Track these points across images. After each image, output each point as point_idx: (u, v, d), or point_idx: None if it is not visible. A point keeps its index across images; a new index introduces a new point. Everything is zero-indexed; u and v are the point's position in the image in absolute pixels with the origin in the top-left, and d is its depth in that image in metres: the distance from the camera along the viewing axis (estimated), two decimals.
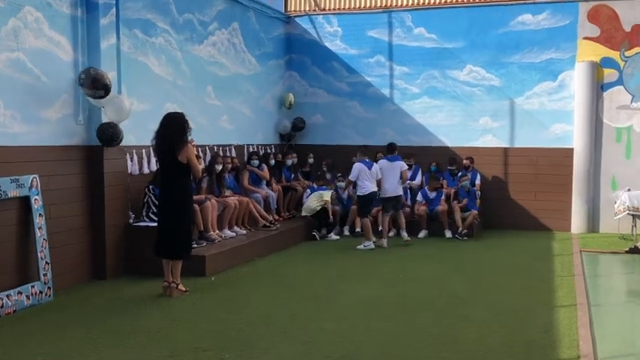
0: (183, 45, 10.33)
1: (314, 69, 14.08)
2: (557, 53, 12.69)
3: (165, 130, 7.35)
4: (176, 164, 7.26)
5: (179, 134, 7.28)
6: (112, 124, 8.15)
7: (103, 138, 8.11)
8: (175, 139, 7.24)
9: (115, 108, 8.16)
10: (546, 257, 10.03)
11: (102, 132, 8.11)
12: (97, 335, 6.01)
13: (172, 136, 7.25)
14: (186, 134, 7.33)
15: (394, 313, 6.73)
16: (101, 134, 8.10)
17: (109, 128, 8.12)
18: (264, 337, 5.93)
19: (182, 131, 7.32)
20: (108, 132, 8.11)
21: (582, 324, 6.19)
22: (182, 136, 7.28)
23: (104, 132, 8.10)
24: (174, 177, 7.36)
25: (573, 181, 12.51)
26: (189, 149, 7.29)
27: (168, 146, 7.26)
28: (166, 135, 7.30)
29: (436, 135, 13.39)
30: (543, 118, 12.82)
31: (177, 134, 7.27)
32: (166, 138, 7.29)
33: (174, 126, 7.32)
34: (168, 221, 7.46)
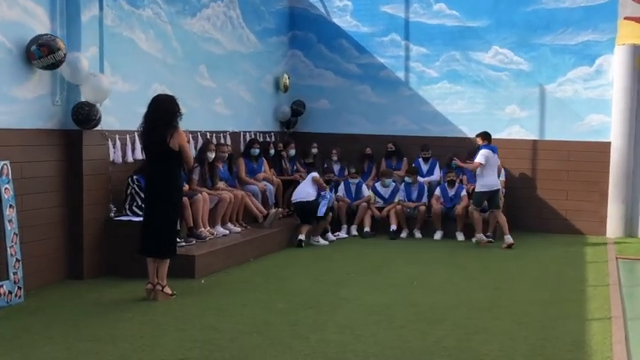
0: (174, 18, 10.32)
1: (320, 47, 14.06)
2: (594, 35, 12.65)
3: (153, 114, 7.35)
4: (165, 152, 7.27)
5: (169, 118, 7.28)
6: (88, 103, 8.14)
7: (78, 119, 8.10)
8: (165, 123, 7.24)
9: (92, 87, 8.15)
10: (578, 264, 10.02)
11: (77, 112, 8.11)
12: (73, 342, 6.01)
13: (162, 120, 7.26)
14: (176, 119, 7.35)
15: (405, 324, 6.73)
16: (76, 114, 8.10)
17: (84, 107, 8.11)
18: (259, 347, 5.94)
19: (172, 115, 7.33)
20: (83, 111, 8.10)
21: (617, 340, 6.17)
22: (172, 121, 7.30)
23: (79, 111, 8.10)
24: (162, 166, 7.38)
25: (610, 180, 12.48)
26: (180, 135, 7.31)
27: (157, 132, 7.26)
28: (155, 119, 7.30)
29: (456, 125, 13.37)
30: (577, 107, 12.78)
31: (167, 118, 7.27)
32: (155, 123, 7.28)
33: (164, 109, 7.33)
34: (154, 215, 7.47)
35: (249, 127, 12.55)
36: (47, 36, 7.68)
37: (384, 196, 12.52)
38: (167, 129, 7.25)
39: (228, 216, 10.31)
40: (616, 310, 7.24)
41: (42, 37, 7.61)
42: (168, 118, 7.30)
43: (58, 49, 7.62)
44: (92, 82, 8.17)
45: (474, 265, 9.87)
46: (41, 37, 7.61)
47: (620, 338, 6.21)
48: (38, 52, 7.56)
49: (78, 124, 8.17)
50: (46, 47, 7.57)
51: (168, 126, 7.26)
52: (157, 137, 7.28)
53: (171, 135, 7.25)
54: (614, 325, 6.65)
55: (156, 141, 7.31)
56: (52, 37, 7.69)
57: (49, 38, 7.64)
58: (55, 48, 7.61)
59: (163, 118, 7.28)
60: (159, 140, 7.27)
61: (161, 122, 7.26)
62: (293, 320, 6.80)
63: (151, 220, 7.50)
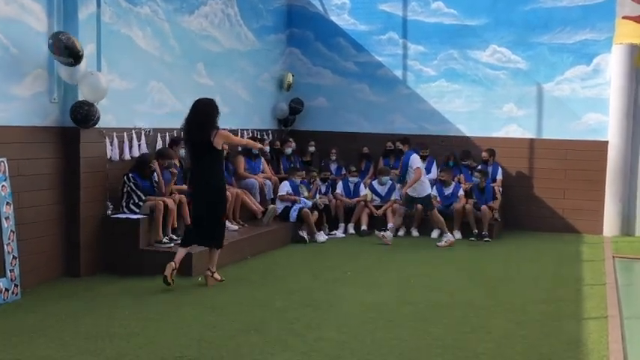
0: (172, 16, 10.30)
1: (318, 46, 14.06)
2: (592, 34, 12.66)
3: (195, 117, 7.87)
4: (210, 151, 7.83)
5: (211, 121, 7.83)
6: (87, 103, 8.14)
7: (76, 118, 8.09)
8: (207, 125, 7.78)
9: (90, 86, 8.14)
10: (574, 263, 10.03)
11: (76, 111, 8.09)
12: (69, 340, 6.01)
13: (204, 122, 7.80)
14: (217, 120, 7.91)
15: (402, 322, 6.73)
16: (75, 113, 8.09)
17: (83, 106, 8.10)
18: (257, 345, 5.93)
19: (213, 117, 7.88)
20: (82, 110, 8.09)
21: (613, 339, 6.17)
22: (214, 123, 7.85)
23: (78, 111, 8.09)
24: (209, 164, 7.91)
25: (607, 178, 12.49)
26: (222, 134, 7.92)
27: (200, 133, 7.79)
28: (197, 122, 7.83)
29: (454, 123, 13.38)
30: (575, 106, 12.79)
31: (208, 121, 7.81)
32: (198, 125, 7.81)
33: (205, 113, 7.87)
34: (208, 210, 7.96)
35: (246, 125, 12.54)
36: (64, 36, 7.72)
37: (381, 194, 12.52)
38: (210, 130, 7.78)
39: None
40: (613, 309, 7.24)
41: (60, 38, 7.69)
42: (210, 120, 7.84)
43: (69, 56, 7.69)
44: (90, 81, 8.16)
45: (471, 263, 9.88)
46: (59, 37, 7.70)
47: (617, 337, 6.21)
48: (51, 48, 7.62)
49: (77, 123, 8.15)
50: (58, 48, 7.63)
51: (211, 127, 7.80)
52: (202, 138, 7.79)
53: (214, 135, 7.78)
54: (611, 324, 6.65)
55: (200, 141, 7.82)
56: (69, 39, 7.72)
57: (66, 39, 7.68)
58: (66, 54, 7.67)
59: (205, 121, 7.81)
60: (203, 141, 7.79)
61: (203, 124, 7.79)
62: (290, 318, 6.80)
63: (201, 215, 7.99)
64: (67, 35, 7.76)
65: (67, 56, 7.69)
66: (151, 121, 9.80)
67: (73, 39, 7.76)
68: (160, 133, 9.97)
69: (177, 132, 10.21)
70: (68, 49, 7.67)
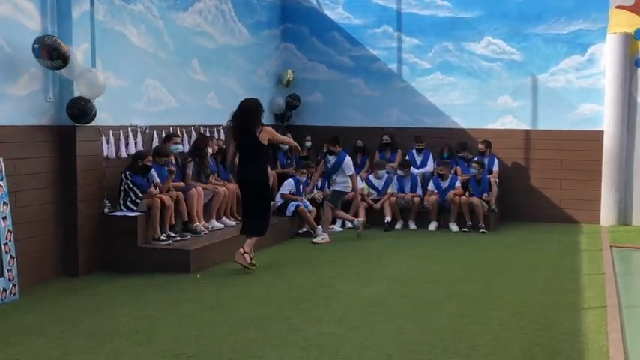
0: (166, 13, 10.27)
1: (312, 40, 14.03)
2: (586, 24, 12.66)
3: (241, 115, 8.52)
4: (256, 146, 8.46)
5: (256, 119, 8.48)
6: (84, 99, 8.10)
7: (73, 113, 8.06)
8: (253, 123, 8.43)
9: (87, 83, 8.11)
10: (572, 253, 10.04)
11: (72, 107, 8.06)
12: (68, 339, 6.00)
13: (249, 121, 8.44)
14: (261, 118, 8.57)
15: (401, 315, 6.73)
16: (72, 109, 8.06)
17: (80, 102, 8.07)
18: (256, 341, 5.93)
19: (258, 116, 8.53)
20: (79, 106, 8.05)
21: (612, 328, 6.18)
22: (259, 121, 8.50)
23: (75, 107, 8.06)
24: (255, 159, 8.55)
25: (603, 168, 12.50)
26: (267, 131, 8.57)
27: (247, 131, 8.44)
28: (244, 120, 8.48)
29: (449, 116, 13.38)
30: (570, 97, 12.79)
31: (254, 119, 8.47)
32: (244, 123, 8.47)
33: (251, 111, 8.50)
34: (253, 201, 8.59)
35: None
36: (50, 39, 7.66)
37: (377, 187, 12.52)
38: (256, 127, 8.43)
39: (223, 210, 10.30)
40: (611, 298, 7.25)
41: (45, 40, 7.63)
42: (255, 118, 8.49)
43: (57, 57, 7.62)
44: (88, 78, 8.13)
45: (468, 255, 9.88)
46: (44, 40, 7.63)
47: (616, 327, 6.22)
48: (38, 52, 7.57)
49: (73, 119, 8.12)
50: (46, 51, 7.58)
51: (256, 125, 8.44)
52: (248, 135, 8.42)
53: (259, 132, 8.43)
54: (610, 314, 6.66)
55: (247, 138, 8.44)
56: (55, 42, 7.66)
57: (51, 42, 7.62)
58: (55, 55, 7.61)
59: (251, 119, 8.44)
60: (250, 137, 8.42)
61: (249, 122, 8.43)
62: (289, 313, 6.79)
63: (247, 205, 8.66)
64: (53, 38, 7.71)
65: (56, 58, 7.64)
66: (146, 118, 9.78)
67: (58, 41, 7.72)
68: (156, 131, 9.94)
69: (172, 129, 10.22)
70: (56, 51, 7.62)
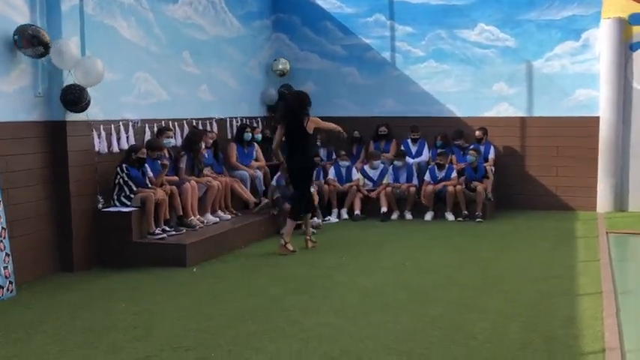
0: (156, 5, 10.30)
1: (305, 30, 14.05)
2: (579, 9, 12.72)
3: (290, 105, 9.49)
4: (304, 135, 9.28)
5: (303, 109, 9.29)
6: (79, 86, 8.13)
7: (67, 100, 8.08)
8: (301, 114, 9.23)
9: (85, 70, 8.16)
10: (568, 240, 10.14)
11: (66, 93, 8.09)
12: (66, 335, 6.08)
13: (297, 110, 9.26)
14: (308, 109, 9.36)
15: (398, 306, 6.82)
16: (65, 95, 8.09)
17: (74, 89, 8.10)
18: (254, 334, 6.01)
19: (305, 106, 9.34)
20: (75, 92, 8.09)
21: (608, 314, 6.28)
22: (306, 111, 9.31)
23: (69, 93, 8.09)
24: (302, 146, 9.38)
25: (599, 154, 12.58)
26: (313, 120, 9.36)
27: (295, 120, 9.24)
28: (292, 110, 9.35)
29: (444, 104, 13.43)
30: (565, 83, 12.86)
31: (301, 110, 9.27)
32: (293, 114, 9.29)
33: (298, 103, 9.35)
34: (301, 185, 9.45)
35: (235, 112, 12.56)
36: (31, 28, 7.69)
37: (373, 178, 12.60)
38: (303, 117, 9.21)
39: (217, 203, 10.35)
40: (607, 284, 7.34)
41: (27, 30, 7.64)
42: (302, 109, 9.28)
43: (38, 44, 7.65)
44: (86, 64, 8.16)
45: (465, 244, 9.97)
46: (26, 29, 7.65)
47: (612, 312, 6.31)
48: (20, 42, 7.61)
49: (66, 105, 8.13)
50: (25, 40, 7.60)
51: (303, 115, 9.23)
52: (296, 123, 9.22)
53: (306, 121, 9.22)
54: (606, 300, 6.76)
55: (295, 127, 9.24)
56: (36, 30, 7.70)
57: (33, 31, 7.65)
58: (36, 42, 7.64)
59: (298, 110, 9.25)
60: (298, 126, 9.22)
61: (297, 112, 9.23)
62: (287, 306, 6.87)
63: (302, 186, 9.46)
64: (34, 27, 7.76)
65: (36, 45, 7.68)
66: (138, 112, 9.82)
67: (38, 29, 7.77)
68: (148, 124, 9.99)
69: (164, 122, 10.26)
70: (36, 38, 7.66)
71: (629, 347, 5.48)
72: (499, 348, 5.57)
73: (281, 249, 9.30)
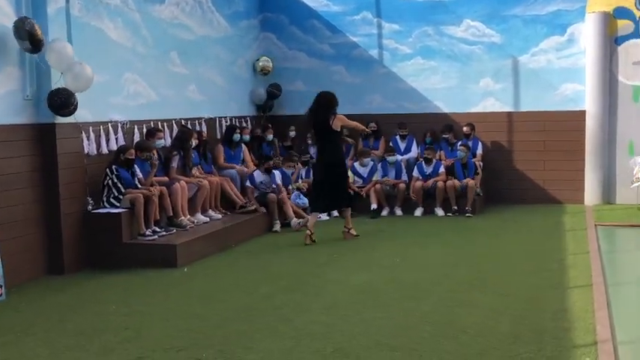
0: (142, 6, 10.21)
1: (292, 29, 14.00)
2: (564, 4, 12.72)
3: (317, 104, 9.81)
4: (330, 132, 9.74)
5: (330, 107, 9.74)
6: (67, 90, 8.05)
7: (54, 104, 8.00)
8: (327, 112, 9.68)
9: (75, 76, 8.09)
10: (557, 233, 10.13)
11: (53, 97, 8.01)
12: (56, 337, 6.00)
13: (324, 109, 9.71)
14: (335, 107, 9.80)
15: (390, 302, 6.78)
16: (52, 99, 8.00)
17: (61, 93, 8.01)
18: (245, 333, 5.96)
19: (331, 105, 9.77)
20: (62, 96, 8.00)
21: (599, 306, 6.26)
22: (332, 109, 9.76)
23: (56, 96, 8.00)
24: (330, 142, 9.83)
25: (586, 148, 12.60)
26: (339, 118, 9.81)
27: (322, 118, 9.72)
28: (319, 108, 9.76)
29: (432, 100, 13.41)
30: (551, 77, 12.86)
31: (328, 108, 9.72)
32: (320, 112, 9.74)
33: (326, 102, 9.77)
34: (334, 178, 9.82)
35: (224, 112, 12.50)
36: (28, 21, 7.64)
37: (363, 175, 12.55)
38: (329, 116, 9.68)
39: (208, 203, 10.28)
40: (597, 277, 7.34)
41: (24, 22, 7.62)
42: (329, 108, 9.72)
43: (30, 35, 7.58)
44: (76, 70, 8.08)
45: (455, 239, 9.95)
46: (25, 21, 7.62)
47: (602, 304, 6.30)
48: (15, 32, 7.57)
49: (54, 109, 8.04)
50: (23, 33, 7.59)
51: (330, 113, 9.69)
52: (323, 121, 9.69)
53: (332, 119, 9.67)
54: (596, 292, 6.74)
55: (323, 125, 9.71)
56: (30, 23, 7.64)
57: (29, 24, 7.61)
58: (25, 35, 7.56)
59: (325, 108, 9.70)
60: (325, 124, 9.68)
61: (324, 110, 9.68)
62: (278, 304, 6.82)
63: (325, 183, 9.83)
64: (32, 22, 7.69)
65: (25, 39, 7.60)
66: (127, 113, 9.74)
67: (36, 26, 7.69)
68: (137, 125, 9.91)
69: (154, 123, 10.19)
70: (28, 33, 7.60)
71: (620, 339, 5.45)
72: (490, 342, 5.54)
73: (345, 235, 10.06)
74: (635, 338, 5.62)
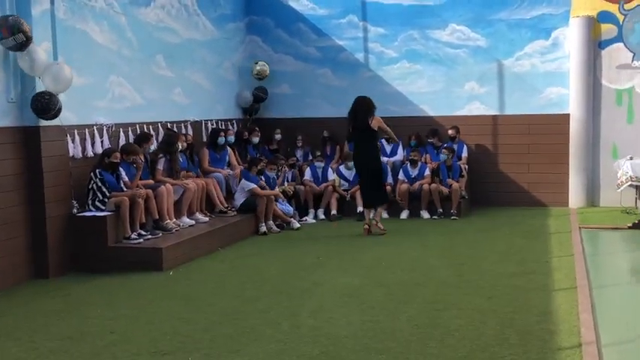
0: (128, 8, 10.17)
1: (278, 32, 14.00)
2: (549, 8, 12.80)
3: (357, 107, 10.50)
4: (369, 132, 10.45)
5: (369, 111, 10.45)
6: (49, 93, 7.99)
7: (37, 107, 7.94)
8: (367, 114, 10.41)
9: (53, 76, 8.00)
10: (542, 236, 10.18)
11: (36, 100, 7.95)
12: (41, 342, 5.95)
13: (363, 111, 10.42)
14: (373, 111, 10.49)
15: (376, 304, 6.78)
16: (35, 103, 7.95)
17: (44, 96, 7.96)
18: (232, 336, 5.94)
19: (370, 109, 10.49)
20: (43, 100, 7.94)
21: (583, 308, 6.29)
22: (371, 111, 10.47)
23: (38, 100, 7.95)
24: (369, 141, 10.56)
25: (570, 151, 12.68)
26: (376, 118, 10.50)
27: (361, 119, 10.39)
28: (359, 111, 10.45)
29: (417, 104, 13.45)
30: (536, 81, 12.93)
31: (367, 111, 10.43)
32: (359, 113, 10.42)
33: (365, 105, 10.48)
34: (371, 176, 10.57)
35: (210, 115, 12.47)
36: (12, 17, 7.55)
37: (348, 178, 12.56)
38: (369, 116, 10.38)
39: (195, 205, 10.25)
40: (581, 279, 7.38)
41: (7, 18, 7.52)
42: (368, 110, 10.43)
43: (18, 32, 7.51)
44: (54, 71, 8.02)
45: (440, 242, 9.97)
46: (6, 18, 7.53)
47: (587, 307, 6.33)
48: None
49: (37, 113, 7.99)
50: (6, 28, 7.49)
51: (369, 114, 10.40)
52: (362, 122, 10.36)
53: (371, 120, 10.38)
54: (580, 294, 6.78)
55: (362, 125, 10.36)
56: (17, 19, 7.56)
57: (13, 19, 7.52)
58: (16, 30, 7.50)
59: (365, 109, 10.42)
60: (364, 123, 10.35)
61: (364, 112, 10.39)
62: (264, 307, 6.81)
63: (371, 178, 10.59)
64: (15, 17, 7.65)
65: (16, 32, 7.54)
66: (112, 116, 9.70)
67: (21, 20, 7.65)
68: (122, 128, 9.86)
69: (139, 126, 10.14)
70: (17, 26, 7.55)
71: (605, 342, 5.49)
72: (476, 344, 5.55)
73: (372, 227, 10.59)
74: (619, 340, 5.65)
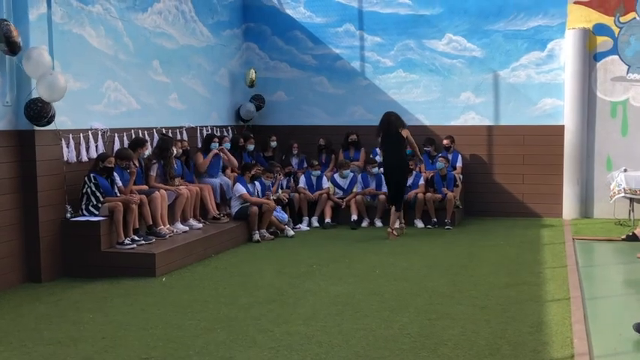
0: (125, 14, 10.18)
1: (275, 40, 14.02)
2: (545, 20, 12.85)
3: (388, 119, 11.18)
4: (399, 137, 11.02)
5: (400, 120, 11.24)
6: (42, 100, 7.98)
7: (30, 114, 7.94)
8: (398, 123, 11.15)
9: (48, 86, 7.99)
10: (535, 247, 10.19)
11: (29, 107, 7.95)
12: (33, 347, 5.93)
13: (396, 121, 11.15)
14: (402, 122, 11.27)
15: (369, 313, 6.77)
16: (28, 110, 7.94)
17: (37, 103, 7.95)
18: (223, 343, 5.92)
19: (400, 120, 11.22)
20: (36, 107, 7.94)
21: (576, 320, 6.30)
22: (401, 121, 11.22)
23: (31, 107, 7.94)
24: (398, 149, 11.12)
25: (564, 162, 12.71)
26: (405, 130, 11.16)
27: (393, 129, 11.05)
28: (390, 122, 11.12)
29: (413, 113, 13.46)
30: (531, 92, 12.97)
31: (398, 120, 11.19)
32: (392, 124, 11.09)
33: (396, 117, 11.23)
34: (396, 179, 11.12)
35: (205, 121, 12.47)
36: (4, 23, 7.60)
37: (343, 187, 12.56)
38: (399, 125, 11.07)
39: (189, 212, 10.23)
40: (574, 290, 7.38)
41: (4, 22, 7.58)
42: (398, 119, 11.18)
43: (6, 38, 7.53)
44: (48, 80, 8.00)
45: (434, 251, 9.97)
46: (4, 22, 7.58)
47: (580, 318, 6.34)
48: None
49: (30, 119, 7.99)
50: None
51: (400, 123, 11.11)
52: (394, 129, 11.01)
53: (401, 129, 11.03)
54: (573, 306, 6.79)
55: (393, 131, 10.99)
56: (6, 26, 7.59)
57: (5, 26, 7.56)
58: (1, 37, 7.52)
59: (396, 120, 11.15)
60: (394, 133, 10.99)
61: (395, 121, 11.12)
62: (257, 314, 6.79)
63: (392, 182, 11.16)
64: (8, 23, 7.64)
65: (1, 41, 7.56)
66: (107, 121, 9.69)
67: (12, 27, 7.65)
68: (118, 133, 9.85)
69: (134, 131, 10.13)
70: (5, 37, 7.56)
71: (597, 353, 5.48)
72: (468, 354, 5.55)
73: (398, 232, 11.09)
74: (611, 352, 5.64)
